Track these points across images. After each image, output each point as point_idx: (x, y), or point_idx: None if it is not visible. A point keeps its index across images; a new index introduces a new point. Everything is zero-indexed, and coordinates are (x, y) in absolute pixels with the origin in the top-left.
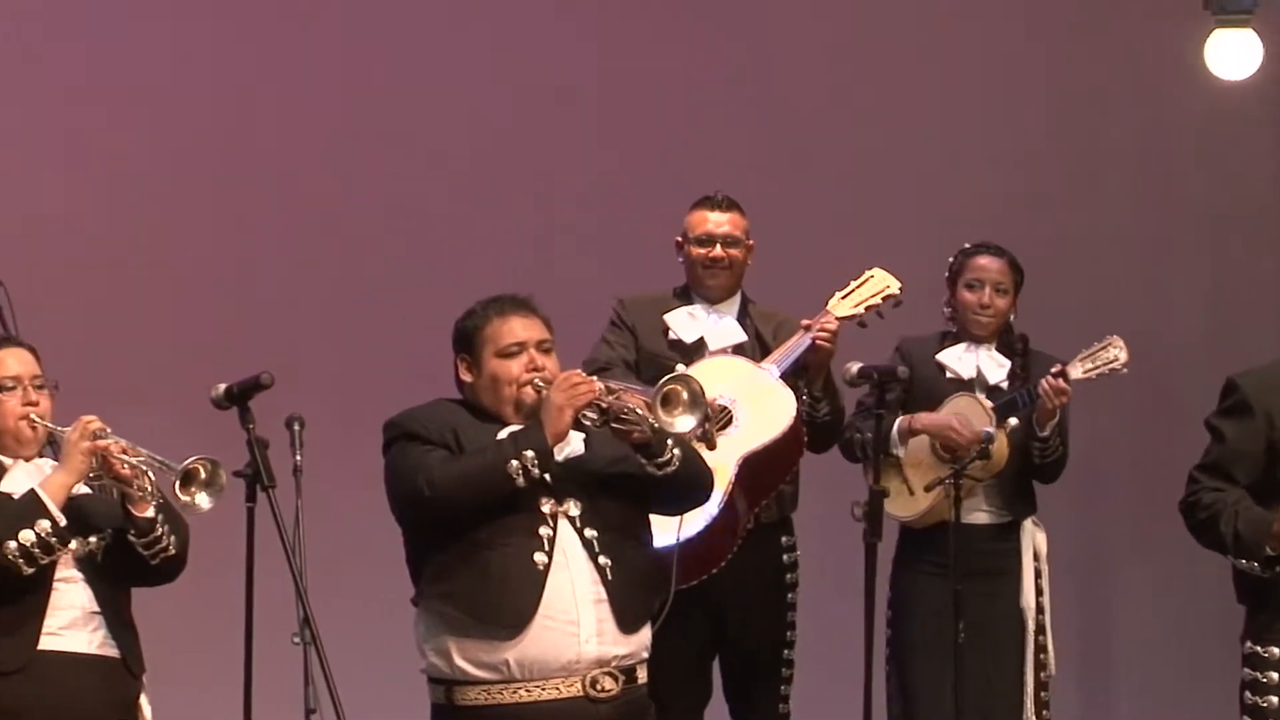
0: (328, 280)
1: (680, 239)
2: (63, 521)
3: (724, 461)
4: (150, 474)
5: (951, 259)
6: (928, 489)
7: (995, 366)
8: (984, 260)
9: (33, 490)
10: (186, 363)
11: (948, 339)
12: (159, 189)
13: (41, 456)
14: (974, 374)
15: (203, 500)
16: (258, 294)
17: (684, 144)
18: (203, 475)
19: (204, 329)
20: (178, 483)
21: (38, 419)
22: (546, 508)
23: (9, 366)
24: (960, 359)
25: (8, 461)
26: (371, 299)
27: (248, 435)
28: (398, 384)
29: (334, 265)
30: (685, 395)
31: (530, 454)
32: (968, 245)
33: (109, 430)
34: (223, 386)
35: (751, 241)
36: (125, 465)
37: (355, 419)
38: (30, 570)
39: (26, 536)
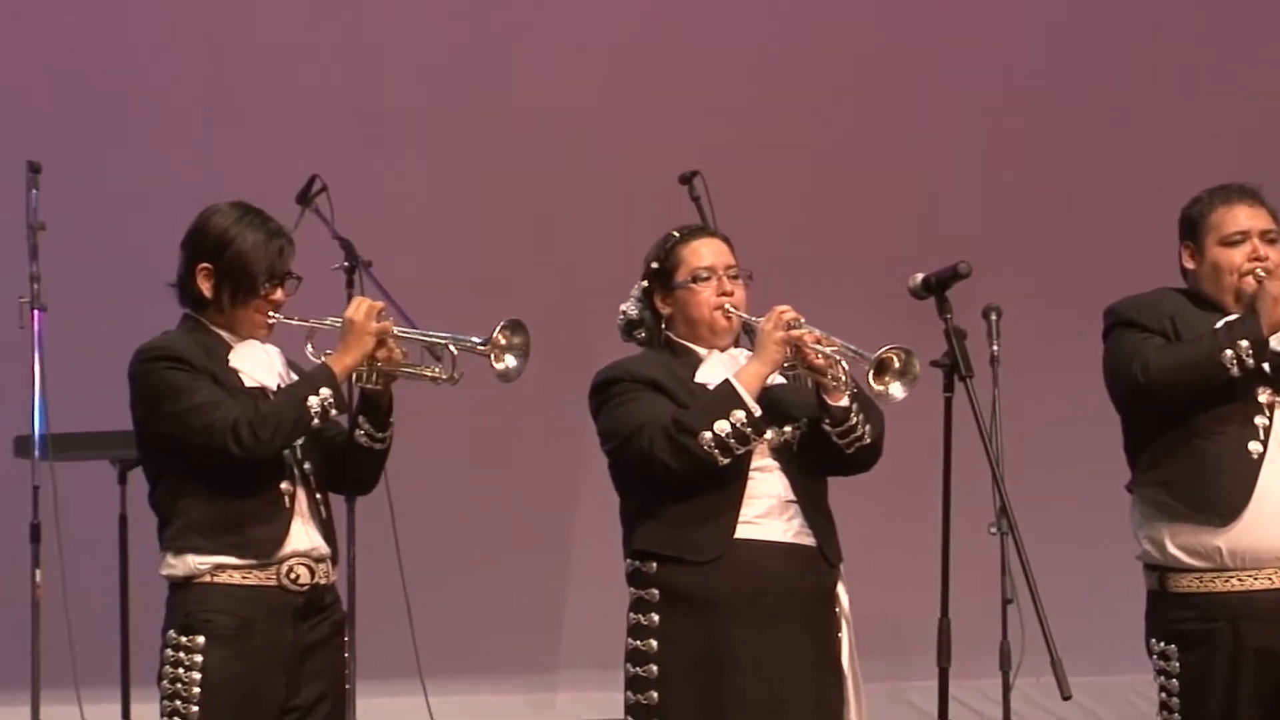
0: (1019, 166)
1: None
2: (757, 411)
3: None
4: (844, 363)
5: None
6: None
7: None
8: None
9: (727, 381)
10: (881, 252)
11: None
12: (858, 79)
13: (737, 347)
14: None
15: (896, 390)
16: (952, 182)
17: None
18: (897, 365)
19: (898, 219)
20: (871, 372)
21: (732, 309)
22: (1263, 397)
23: (703, 257)
24: None
25: (703, 352)
26: (1066, 181)
27: (945, 325)
28: (1093, 271)
29: (1021, 151)
30: None
31: (1245, 343)
32: None
33: (803, 320)
34: (920, 276)
35: None
36: (819, 355)
37: (1052, 307)
38: (725, 460)
39: (721, 427)
